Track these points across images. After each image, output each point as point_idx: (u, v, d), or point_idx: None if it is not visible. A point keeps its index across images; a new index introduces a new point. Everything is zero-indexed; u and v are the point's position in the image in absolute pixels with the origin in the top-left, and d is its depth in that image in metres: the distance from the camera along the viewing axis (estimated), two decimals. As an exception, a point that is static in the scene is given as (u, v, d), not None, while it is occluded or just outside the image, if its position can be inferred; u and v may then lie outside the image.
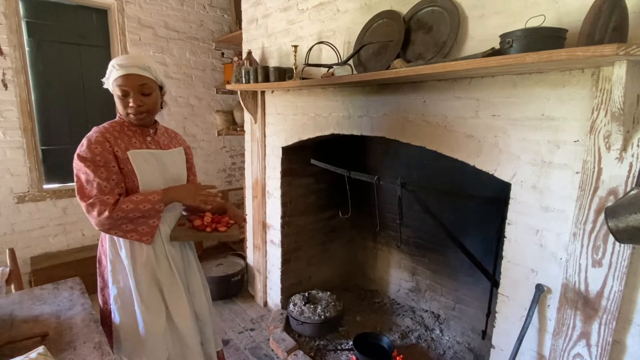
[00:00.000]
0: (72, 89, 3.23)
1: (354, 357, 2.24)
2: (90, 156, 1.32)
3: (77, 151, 1.36)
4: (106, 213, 1.29)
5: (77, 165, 1.35)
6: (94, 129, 1.40)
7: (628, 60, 0.93)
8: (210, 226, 1.52)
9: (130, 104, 1.36)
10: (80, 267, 3.01)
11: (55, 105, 3.16)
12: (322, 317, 2.45)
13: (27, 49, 2.93)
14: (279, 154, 2.52)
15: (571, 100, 1.16)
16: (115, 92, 1.38)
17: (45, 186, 3.18)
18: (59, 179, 3.26)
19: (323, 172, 2.64)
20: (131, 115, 1.40)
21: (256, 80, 2.16)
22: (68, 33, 3.13)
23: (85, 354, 1.22)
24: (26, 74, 2.92)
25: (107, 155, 1.34)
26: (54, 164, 3.22)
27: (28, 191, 3.04)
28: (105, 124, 1.42)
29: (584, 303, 1.17)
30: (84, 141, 1.36)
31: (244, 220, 1.66)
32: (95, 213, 1.32)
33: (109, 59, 3.36)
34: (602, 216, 1.07)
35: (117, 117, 1.47)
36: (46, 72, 3.08)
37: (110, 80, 1.39)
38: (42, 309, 1.48)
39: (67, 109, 3.22)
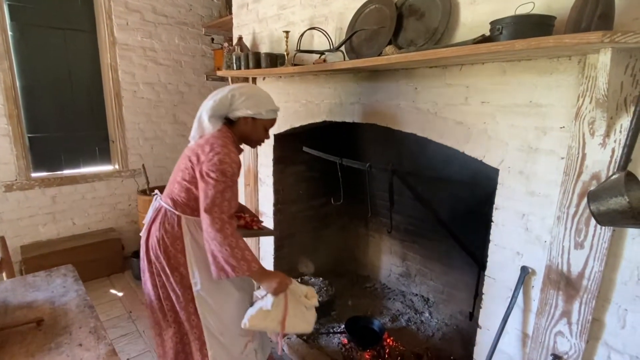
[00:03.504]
0: (59, 75, 3.15)
1: (345, 340, 2.30)
2: (231, 175, 1.42)
3: (223, 161, 1.40)
4: (228, 231, 1.40)
5: (221, 178, 1.40)
6: (229, 143, 1.48)
7: (613, 48, 0.96)
8: (256, 224, 1.80)
9: (266, 137, 1.64)
10: (72, 255, 3.00)
11: (41, 92, 3.10)
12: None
13: (9, 33, 2.85)
14: (271, 141, 2.51)
15: (558, 87, 1.19)
16: (262, 126, 1.59)
17: (34, 174, 3.13)
18: (47, 168, 3.21)
19: (315, 160, 2.65)
20: (259, 143, 1.67)
21: (247, 67, 2.14)
22: (52, 17, 3.05)
23: (81, 339, 1.23)
24: (10, 59, 2.85)
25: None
26: (41, 152, 3.17)
27: (16, 179, 3.00)
28: (229, 141, 1.50)
29: (566, 283, 1.22)
30: (229, 158, 1.42)
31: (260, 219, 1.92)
32: (219, 227, 1.40)
33: (95, 44, 3.29)
34: (585, 200, 1.11)
35: (227, 132, 1.53)
36: (31, 57, 3.00)
37: (264, 118, 1.56)
38: (36, 296, 1.48)
39: (54, 95, 3.16)
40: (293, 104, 2.26)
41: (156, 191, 1.74)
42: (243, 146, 1.65)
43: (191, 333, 1.60)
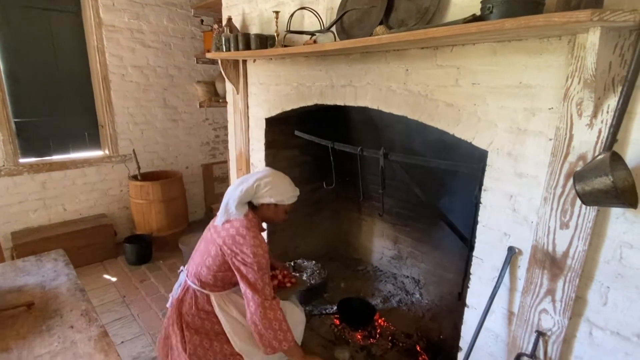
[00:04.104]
0: (44, 58, 3.07)
1: (337, 321, 2.34)
2: (265, 265, 1.59)
3: (256, 254, 1.57)
4: (271, 315, 1.58)
5: (257, 268, 1.56)
6: (258, 233, 1.64)
7: (602, 27, 0.95)
8: (288, 279, 2.08)
9: (285, 218, 1.81)
10: (63, 241, 2.99)
11: (26, 75, 3.02)
12: (307, 284, 2.53)
13: (-10, 13, 2.76)
14: (262, 125, 2.49)
15: (548, 68, 1.18)
16: (283, 210, 1.77)
17: (22, 160, 3.09)
18: (35, 153, 3.17)
19: (308, 145, 2.64)
20: (279, 223, 1.85)
21: (237, 48, 2.10)
22: (35, -4, 2.95)
23: (72, 321, 1.24)
24: (-8, 40, 2.76)
25: None
26: (29, 137, 3.11)
27: (3, 165, 2.95)
28: (257, 229, 1.67)
29: (551, 263, 1.25)
30: (262, 249, 1.59)
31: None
32: (262, 315, 1.56)
33: (80, 26, 3.20)
34: (571, 181, 1.12)
35: (253, 219, 1.68)
36: (14, 39, 2.91)
37: (285, 204, 1.74)
38: (26, 280, 1.49)
39: (39, 79, 3.08)
40: (284, 87, 2.23)
41: (181, 267, 1.86)
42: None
43: None
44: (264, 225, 1.91)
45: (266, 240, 2.73)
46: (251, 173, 1.79)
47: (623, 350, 1.16)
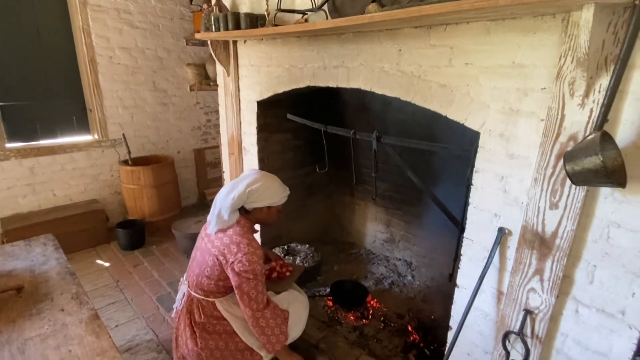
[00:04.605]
0: (27, 39, 2.97)
1: (330, 303, 2.37)
2: (260, 272, 1.62)
3: (251, 261, 1.59)
4: (263, 323, 1.66)
5: (252, 277, 1.60)
6: (252, 239, 1.67)
7: (596, 4, 0.93)
8: (285, 268, 2.10)
9: (278, 218, 1.84)
10: (54, 227, 2.96)
11: (9, 57, 2.93)
12: (304, 268, 2.54)
13: (-32, -9, 2.64)
14: (254, 108, 2.46)
15: (542, 47, 1.17)
16: (276, 210, 1.80)
17: (8, 145, 3.02)
18: (22, 138, 3.10)
19: (300, 128, 2.61)
20: (273, 224, 1.89)
21: (226, 28, 2.04)
22: (15, -27, 2.83)
23: (63, 304, 1.24)
24: (-29, 20, 2.66)
25: None
26: (15, 121, 3.04)
27: (-11, 150, 2.89)
28: (250, 235, 1.70)
29: (540, 243, 1.26)
30: (256, 256, 1.61)
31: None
32: (255, 323, 1.65)
33: (65, 6, 3.09)
34: (562, 161, 1.12)
35: (245, 224, 1.71)
36: (-5, 19, 2.81)
37: (277, 204, 1.77)
38: (15, 265, 1.47)
39: (24, 61, 2.99)
40: (276, 69, 2.19)
41: (181, 279, 1.90)
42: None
43: None
44: (257, 226, 1.94)
45: (259, 227, 2.73)
46: (239, 177, 1.79)
47: (608, 327, 1.19)
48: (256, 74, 2.35)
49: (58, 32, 3.11)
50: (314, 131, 2.26)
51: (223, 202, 1.66)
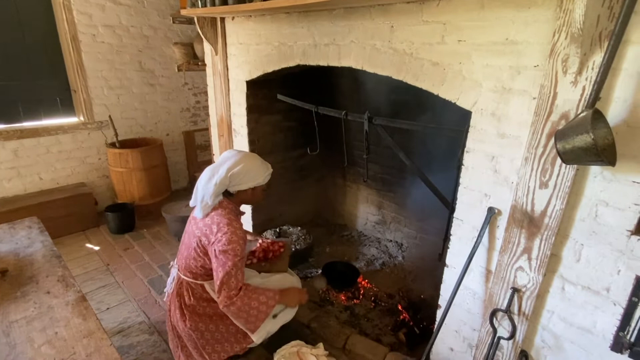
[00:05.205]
0: (5, 16, 2.83)
1: (322, 284, 2.39)
2: (240, 252, 1.56)
3: (231, 241, 1.54)
4: (234, 307, 1.57)
5: (231, 257, 1.53)
6: (233, 219, 1.62)
7: (593, -24, 0.91)
8: (278, 247, 2.07)
9: (264, 196, 1.82)
10: (42, 210, 2.90)
11: (-14, 34, 2.80)
12: (293, 249, 2.55)
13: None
14: (243, 88, 2.40)
15: (535, 23, 1.14)
16: (260, 190, 1.76)
17: (-11, 126, 2.92)
18: (4, 120, 3.01)
19: (292, 110, 2.57)
20: (259, 203, 1.92)
21: (213, 4, 1.96)
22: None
23: (48, 287, 1.22)
24: (-58, -6, 2.52)
25: None
26: (-6, 101, 2.93)
27: (-31, 132, 2.80)
28: (232, 216, 1.65)
29: (529, 222, 1.26)
30: (236, 236, 1.56)
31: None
32: (227, 306, 1.57)
33: (42, -22, 2.94)
34: (553, 140, 1.12)
35: (228, 206, 1.68)
36: (-32, -8, 2.66)
37: (261, 184, 1.73)
38: (-2, 248, 1.44)
39: (1, 39, 2.86)
40: (265, 47, 2.13)
41: (172, 263, 1.88)
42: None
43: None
44: (248, 210, 1.92)
45: (250, 208, 2.72)
46: (218, 161, 1.73)
47: (593, 303, 1.21)
48: (245, 52, 2.28)
49: (38, 8, 2.97)
50: (306, 112, 2.22)
51: (205, 189, 1.62)
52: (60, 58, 3.16)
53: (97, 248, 3.02)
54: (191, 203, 1.72)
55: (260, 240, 2.11)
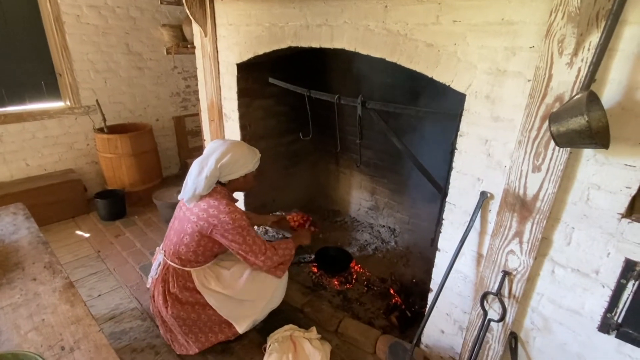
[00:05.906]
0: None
1: (315, 269, 2.40)
2: (247, 225, 1.64)
3: (235, 219, 1.60)
4: (272, 262, 1.75)
5: (240, 231, 1.62)
6: (228, 202, 1.66)
7: (592, -49, 0.88)
8: (305, 223, 2.42)
9: (256, 183, 1.88)
10: (29, 197, 2.84)
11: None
12: (285, 235, 2.55)
13: None
14: (234, 71, 2.34)
15: (532, 1, 1.11)
16: (251, 176, 1.80)
17: (-29, 111, 2.83)
18: (-15, 103, 2.91)
19: (284, 94, 2.52)
20: (251, 189, 1.94)
21: (201, -18, 1.90)
22: None
23: (35, 273, 1.19)
24: None
25: None
26: (-25, 85, 2.83)
27: (-50, 116, 2.70)
28: (227, 199, 1.68)
29: (521, 206, 1.26)
30: (237, 212, 1.63)
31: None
32: (267, 269, 1.76)
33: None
34: (547, 123, 1.10)
35: (222, 191, 1.70)
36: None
37: (253, 166, 1.77)
38: (-18, 234, 1.40)
39: (-20, 18, 2.74)
40: (255, 28, 2.07)
41: (157, 248, 1.88)
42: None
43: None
44: (240, 197, 1.95)
45: (242, 194, 2.69)
46: (205, 152, 1.72)
47: (582, 286, 1.23)
48: (235, 33, 2.22)
49: (23, 7, 2.85)
50: (298, 97, 2.18)
51: (197, 182, 1.61)
52: (44, 40, 3.05)
53: (87, 235, 2.98)
54: (180, 196, 1.69)
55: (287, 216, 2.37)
